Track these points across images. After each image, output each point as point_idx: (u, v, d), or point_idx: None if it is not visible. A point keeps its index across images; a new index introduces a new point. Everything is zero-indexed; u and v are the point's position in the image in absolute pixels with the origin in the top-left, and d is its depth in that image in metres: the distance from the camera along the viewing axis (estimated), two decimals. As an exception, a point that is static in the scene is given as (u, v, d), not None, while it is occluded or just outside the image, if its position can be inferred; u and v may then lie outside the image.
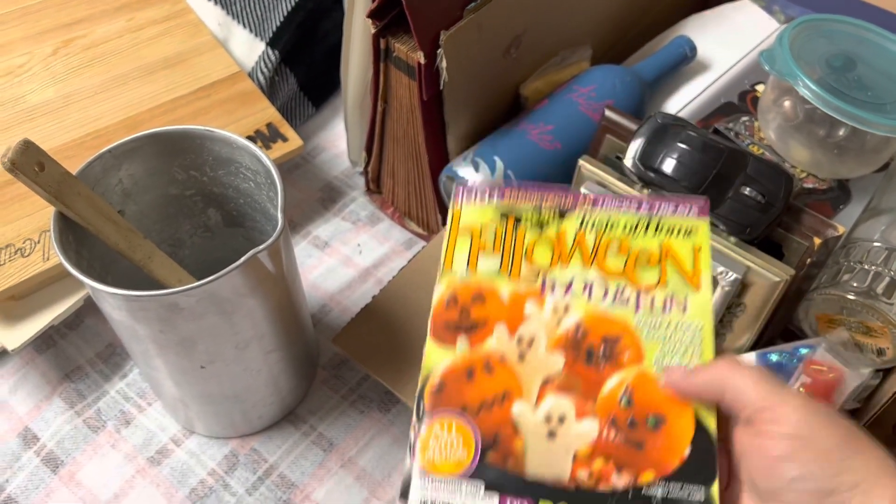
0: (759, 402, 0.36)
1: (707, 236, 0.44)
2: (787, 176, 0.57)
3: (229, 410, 0.63)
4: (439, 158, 0.70)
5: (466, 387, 0.40)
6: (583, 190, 0.61)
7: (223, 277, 0.49)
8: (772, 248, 0.59)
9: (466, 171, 0.66)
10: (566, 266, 0.43)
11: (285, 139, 0.77)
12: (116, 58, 0.79)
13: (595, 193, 0.45)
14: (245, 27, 0.85)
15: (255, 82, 0.81)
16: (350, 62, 0.73)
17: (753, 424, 0.37)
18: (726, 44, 0.77)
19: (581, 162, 0.63)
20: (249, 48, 0.84)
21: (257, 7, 0.86)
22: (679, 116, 0.61)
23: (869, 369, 0.55)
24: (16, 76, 0.76)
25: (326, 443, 0.66)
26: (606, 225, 0.44)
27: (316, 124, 0.90)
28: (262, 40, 0.84)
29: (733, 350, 0.63)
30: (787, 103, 0.64)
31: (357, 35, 0.70)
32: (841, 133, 0.63)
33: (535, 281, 0.43)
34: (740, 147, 0.59)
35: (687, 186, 0.57)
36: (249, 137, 0.75)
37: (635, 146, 0.59)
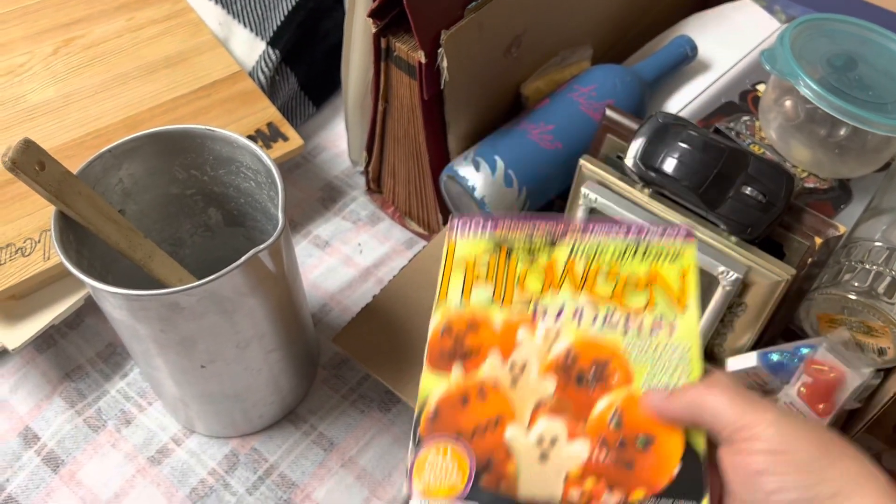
0: (736, 422, 0.37)
1: (694, 260, 0.45)
2: (788, 175, 0.57)
3: (230, 410, 0.63)
4: (440, 158, 0.70)
5: (461, 413, 0.41)
6: (579, 212, 0.61)
7: (224, 277, 0.49)
8: (773, 247, 0.59)
9: (467, 171, 0.66)
10: (557, 292, 0.44)
11: (286, 138, 0.77)
12: (117, 57, 0.79)
13: (584, 221, 0.45)
14: (246, 26, 0.85)
15: (255, 82, 0.81)
16: (351, 62, 0.73)
17: (733, 443, 0.38)
18: (727, 43, 0.77)
19: (582, 161, 0.63)
20: (250, 47, 0.84)
21: (258, 6, 0.86)
22: (680, 116, 0.61)
23: (870, 369, 0.55)
24: (16, 75, 0.76)
25: (327, 442, 0.66)
26: (596, 252, 0.45)
27: (316, 124, 0.90)
28: (263, 40, 0.84)
29: (734, 350, 0.63)
30: (788, 103, 0.64)
31: (358, 34, 0.70)
32: (842, 133, 0.63)
33: (527, 308, 0.44)
34: (741, 147, 0.59)
35: (688, 186, 0.57)
36: (250, 137, 0.75)
37: (636, 146, 0.59)
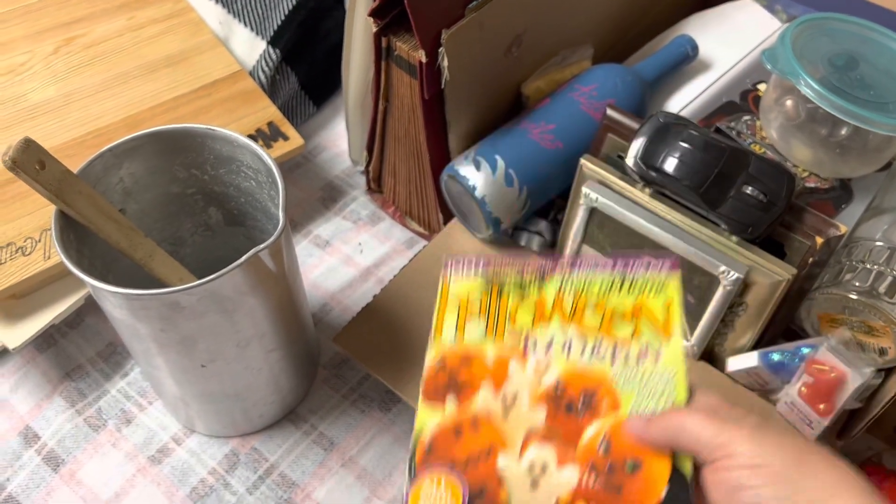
0: (712, 441, 0.39)
1: (678, 290, 0.46)
2: (789, 175, 0.57)
3: (230, 409, 0.63)
4: (440, 157, 0.70)
5: (454, 444, 0.43)
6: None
7: (224, 276, 0.49)
8: (774, 247, 0.59)
9: (468, 171, 0.66)
10: (547, 326, 0.46)
11: (286, 138, 0.77)
12: (117, 56, 0.79)
13: (573, 257, 0.48)
14: (246, 26, 0.85)
15: (256, 81, 0.81)
16: (351, 61, 0.73)
17: (713, 462, 0.39)
18: (728, 43, 0.77)
19: (582, 161, 0.63)
20: (250, 47, 0.84)
21: (258, 6, 0.86)
22: (681, 115, 0.61)
23: (871, 369, 0.55)
24: (17, 75, 0.76)
25: (327, 442, 0.66)
26: (584, 286, 0.47)
27: (317, 123, 0.90)
28: (264, 39, 0.84)
29: (734, 350, 0.63)
30: (789, 102, 0.64)
31: (358, 34, 0.70)
32: (843, 132, 0.63)
33: (518, 342, 0.45)
34: (742, 146, 0.59)
35: (689, 185, 0.57)
36: (250, 136, 0.75)
37: (637, 145, 0.59)
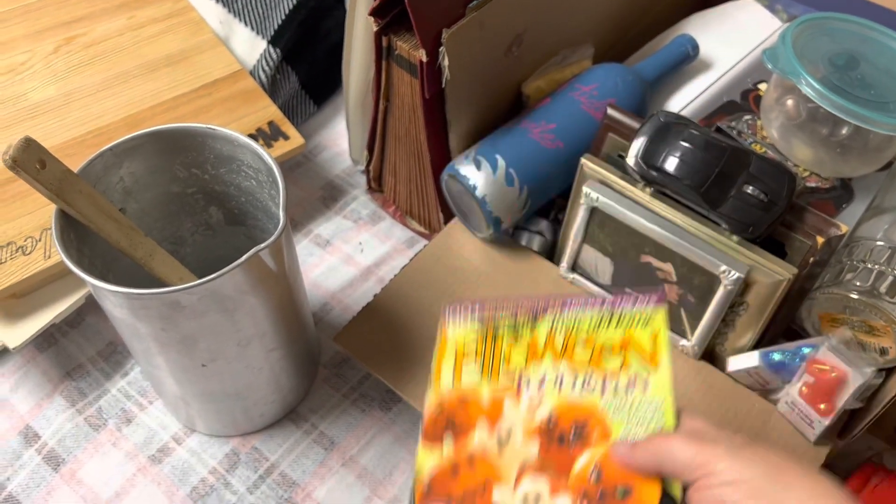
0: (692, 462, 0.40)
1: (664, 322, 0.47)
2: (790, 175, 0.57)
3: (230, 409, 0.63)
4: (441, 157, 0.70)
5: (452, 482, 0.44)
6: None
7: (225, 275, 0.49)
8: (774, 246, 0.59)
9: (468, 170, 0.66)
10: (539, 364, 0.47)
11: (287, 137, 0.77)
12: (118, 56, 0.79)
13: (563, 297, 0.49)
14: (247, 25, 0.85)
15: (256, 80, 0.81)
16: (352, 60, 0.73)
17: (695, 482, 0.40)
18: (729, 42, 0.77)
19: (583, 161, 0.63)
20: (251, 46, 0.84)
21: (259, 5, 0.85)
22: (681, 115, 0.61)
23: (872, 369, 0.55)
24: (17, 74, 0.76)
25: (328, 441, 0.66)
26: (574, 324, 0.48)
27: (317, 123, 0.90)
28: (264, 38, 0.84)
29: (735, 349, 0.63)
30: (789, 102, 0.64)
31: (359, 33, 0.70)
32: (844, 132, 0.62)
33: (512, 381, 0.47)
34: (743, 146, 0.59)
35: (689, 185, 0.57)
36: (251, 135, 0.75)
37: (638, 145, 0.59)
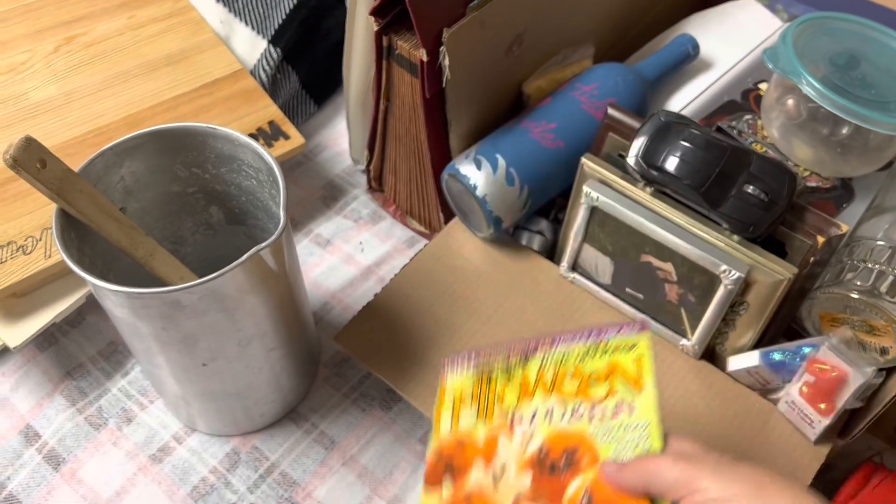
0: (678, 481, 0.41)
1: (647, 345, 0.48)
2: (791, 174, 0.57)
3: (231, 408, 0.63)
4: (441, 156, 0.70)
5: None
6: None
7: (225, 275, 0.49)
8: (775, 246, 0.59)
9: (469, 170, 0.66)
10: (531, 400, 0.49)
11: (287, 137, 0.77)
12: (118, 55, 0.79)
13: (552, 335, 0.51)
14: (247, 25, 0.85)
15: (256, 80, 0.81)
16: (352, 60, 0.73)
17: (681, 500, 0.41)
18: (729, 42, 0.77)
19: (583, 160, 0.63)
20: (251, 46, 0.84)
21: (259, 4, 0.85)
22: (682, 114, 0.61)
23: (872, 368, 0.55)
24: (18, 73, 0.76)
25: (328, 441, 0.66)
26: (562, 358, 0.50)
27: (318, 122, 0.90)
28: (265, 38, 0.84)
29: (735, 349, 0.63)
30: (790, 101, 0.64)
31: (359, 32, 0.70)
32: (844, 131, 0.62)
33: (505, 419, 0.49)
34: (743, 145, 0.59)
35: (690, 184, 0.57)
36: (251, 135, 0.75)
37: (638, 144, 0.59)
